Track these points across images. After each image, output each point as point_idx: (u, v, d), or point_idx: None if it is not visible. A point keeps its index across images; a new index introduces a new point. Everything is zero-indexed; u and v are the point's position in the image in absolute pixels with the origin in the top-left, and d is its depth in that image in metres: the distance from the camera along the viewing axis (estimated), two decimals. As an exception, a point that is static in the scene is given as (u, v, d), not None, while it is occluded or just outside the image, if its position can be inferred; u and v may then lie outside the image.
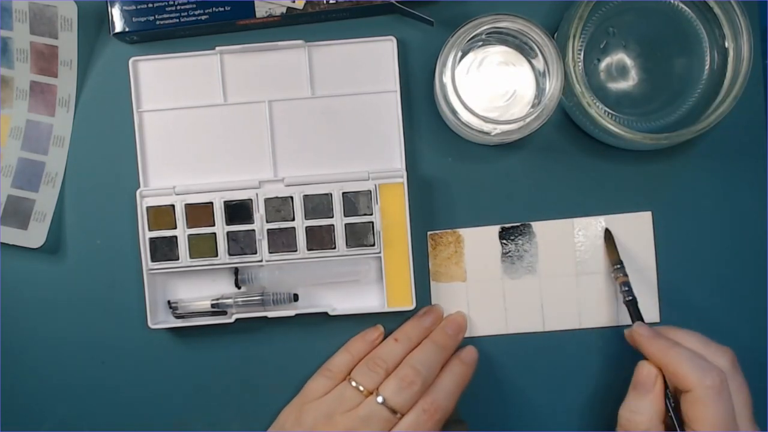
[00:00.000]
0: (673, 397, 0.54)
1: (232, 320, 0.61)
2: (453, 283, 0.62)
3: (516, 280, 0.62)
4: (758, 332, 0.62)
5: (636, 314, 0.58)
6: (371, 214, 0.60)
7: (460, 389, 0.58)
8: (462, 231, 0.62)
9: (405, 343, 0.59)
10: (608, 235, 0.62)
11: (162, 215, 0.61)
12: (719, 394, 0.51)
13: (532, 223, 0.62)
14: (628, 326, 0.59)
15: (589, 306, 0.62)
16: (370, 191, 0.60)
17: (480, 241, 0.62)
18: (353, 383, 0.57)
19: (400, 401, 0.56)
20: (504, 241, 0.62)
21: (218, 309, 0.61)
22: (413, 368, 0.57)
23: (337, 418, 0.56)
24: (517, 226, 0.62)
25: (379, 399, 0.56)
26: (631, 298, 0.59)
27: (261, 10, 0.59)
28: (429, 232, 0.62)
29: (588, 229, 0.62)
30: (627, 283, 0.59)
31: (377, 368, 0.57)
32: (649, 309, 0.62)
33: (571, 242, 0.62)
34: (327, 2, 0.59)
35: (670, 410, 0.54)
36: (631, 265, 0.62)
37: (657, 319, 0.62)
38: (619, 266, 0.60)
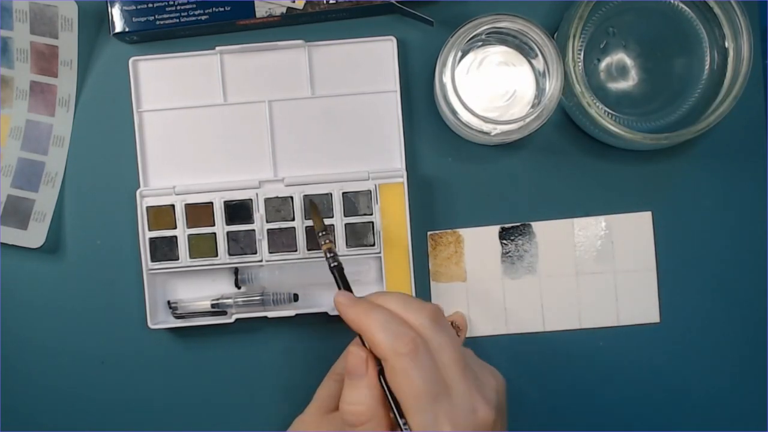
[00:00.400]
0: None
1: (232, 320, 0.61)
2: (453, 283, 0.62)
3: (516, 280, 0.62)
4: (758, 332, 0.62)
5: (342, 281, 0.54)
6: (371, 214, 0.60)
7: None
8: (462, 231, 0.62)
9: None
10: (311, 205, 0.59)
11: (162, 215, 0.61)
12: (414, 360, 0.46)
13: (532, 223, 0.62)
14: (628, 327, 0.60)
15: (589, 306, 0.62)
16: (370, 191, 0.60)
17: (480, 241, 0.62)
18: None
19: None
20: (504, 241, 0.62)
21: (218, 309, 0.61)
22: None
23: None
24: (517, 226, 0.62)
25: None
26: (336, 264, 0.54)
27: (261, 10, 0.59)
28: (429, 232, 0.62)
29: (588, 230, 0.62)
30: (332, 249, 0.55)
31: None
32: (649, 309, 0.62)
33: (571, 242, 0.62)
34: (327, 2, 0.59)
35: (386, 389, 0.48)
36: (631, 265, 0.62)
37: (657, 320, 0.62)
38: (323, 233, 0.56)
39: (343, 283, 0.54)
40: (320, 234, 0.57)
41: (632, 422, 0.62)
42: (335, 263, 0.55)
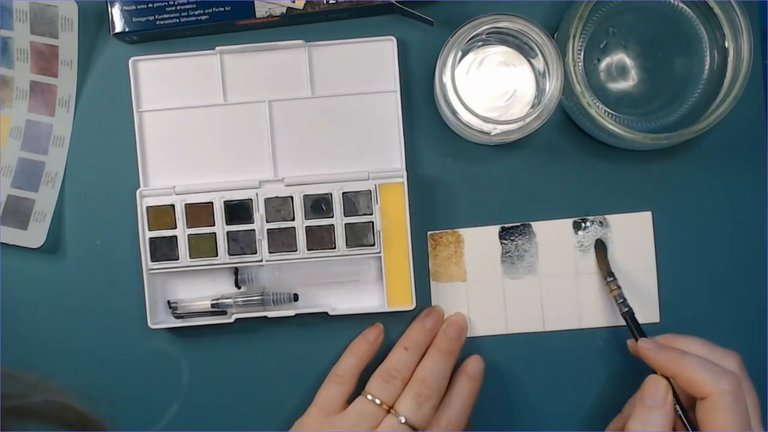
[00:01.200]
0: (682, 407, 0.54)
1: (232, 320, 0.61)
2: (453, 283, 0.62)
3: (516, 280, 0.62)
4: (759, 332, 0.62)
5: (635, 326, 0.58)
6: (371, 214, 0.60)
7: (471, 403, 0.59)
8: (462, 231, 0.62)
9: (414, 350, 0.59)
10: (600, 246, 0.61)
11: (162, 215, 0.61)
12: (736, 399, 0.51)
13: (532, 223, 0.62)
14: (628, 326, 0.60)
15: (589, 306, 0.62)
16: (370, 191, 0.60)
17: (480, 241, 0.62)
18: (369, 397, 0.57)
19: (419, 418, 0.56)
20: (504, 241, 0.62)
21: (218, 309, 0.61)
22: (425, 382, 0.57)
23: None
24: (517, 226, 0.62)
25: (401, 419, 0.56)
26: (627, 309, 0.58)
27: (261, 10, 0.59)
28: (429, 232, 0.62)
29: (588, 230, 0.62)
30: (621, 295, 0.59)
31: (393, 380, 0.58)
32: (650, 309, 0.62)
33: (571, 242, 0.62)
34: (327, 2, 0.59)
35: (684, 420, 0.54)
36: (631, 265, 0.62)
37: (657, 320, 0.62)
38: (611, 278, 0.60)
39: (637, 330, 0.58)
40: (608, 280, 0.60)
41: (632, 422, 0.62)
42: (626, 309, 0.58)
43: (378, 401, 0.57)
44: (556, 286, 0.62)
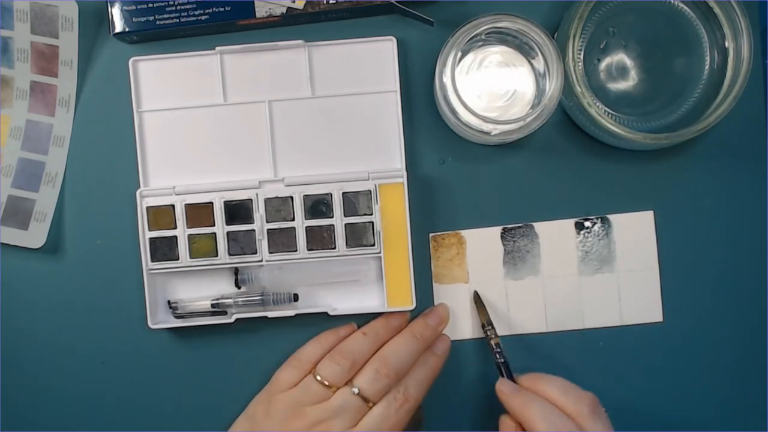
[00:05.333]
0: None
1: (232, 320, 0.61)
2: (455, 284, 0.62)
3: (518, 281, 0.62)
4: (759, 331, 0.62)
5: (507, 374, 0.59)
6: (371, 214, 0.60)
7: (431, 379, 0.59)
8: (464, 232, 0.62)
9: (372, 337, 0.59)
10: (477, 297, 0.62)
11: (162, 215, 0.61)
12: None
13: (534, 224, 0.62)
14: (631, 326, 0.60)
15: (591, 306, 0.62)
16: (370, 191, 0.60)
17: (482, 243, 0.62)
18: (318, 377, 0.57)
19: (372, 391, 0.56)
20: (506, 242, 0.62)
21: (218, 309, 0.61)
22: (387, 360, 0.57)
23: (306, 410, 0.56)
24: (520, 227, 0.62)
25: (354, 390, 0.56)
26: (503, 360, 0.59)
27: (261, 10, 0.59)
28: (431, 234, 0.62)
29: (590, 230, 0.62)
30: (499, 345, 0.59)
31: (343, 361, 0.57)
32: (652, 309, 0.62)
33: (573, 242, 0.62)
34: (327, 2, 0.59)
35: None
36: (633, 264, 0.62)
37: (660, 319, 0.62)
38: (490, 327, 0.60)
39: (507, 375, 0.59)
40: (486, 328, 0.60)
41: (635, 421, 0.62)
42: (503, 360, 0.59)
43: (326, 382, 0.57)
44: (559, 287, 0.62)
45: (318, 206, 0.61)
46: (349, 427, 0.56)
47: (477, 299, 0.62)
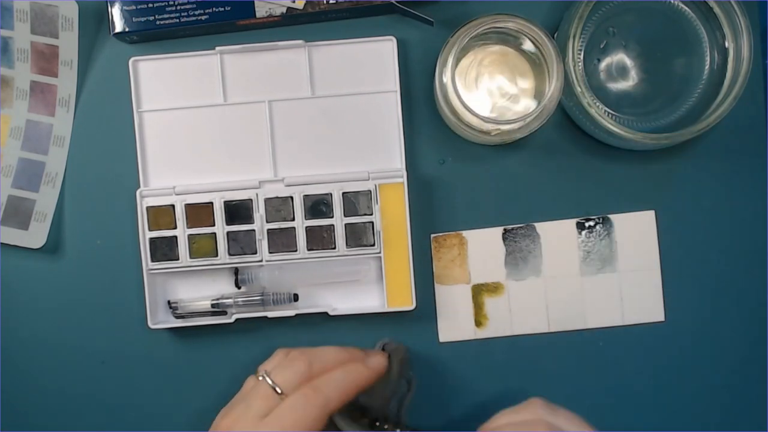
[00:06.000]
0: None
1: (232, 320, 0.61)
2: (457, 285, 0.62)
3: (520, 282, 0.62)
4: (760, 331, 0.62)
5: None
6: (371, 214, 0.60)
7: (352, 386, 0.55)
8: (465, 233, 0.62)
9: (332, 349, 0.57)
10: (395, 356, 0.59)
11: (162, 215, 0.61)
12: None
13: (536, 224, 0.62)
14: (633, 326, 0.60)
15: (593, 306, 0.62)
16: (370, 191, 0.60)
17: (483, 243, 0.62)
18: (259, 376, 0.55)
19: (281, 378, 0.54)
20: (507, 243, 0.62)
21: (218, 309, 0.61)
22: (304, 351, 0.55)
23: (236, 405, 0.55)
24: (521, 228, 0.62)
25: (261, 375, 0.54)
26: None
27: (261, 10, 0.59)
28: (432, 235, 0.62)
29: (591, 230, 0.62)
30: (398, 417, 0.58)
31: (278, 354, 0.57)
32: (654, 308, 0.62)
33: (574, 243, 0.62)
34: (327, 2, 0.59)
35: None
36: (635, 264, 0.62)
37: (662, 319, 0.62)
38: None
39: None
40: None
41: (636, 421, 0.62)
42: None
43: (260, 375, 0.55)
44: (561, 287, 0.62)
45: (318, 206, 0.61)
46: (258, 414, 0.53)
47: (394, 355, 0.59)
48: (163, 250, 0.61)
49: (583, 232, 0.62)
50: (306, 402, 0.53)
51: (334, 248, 0.60)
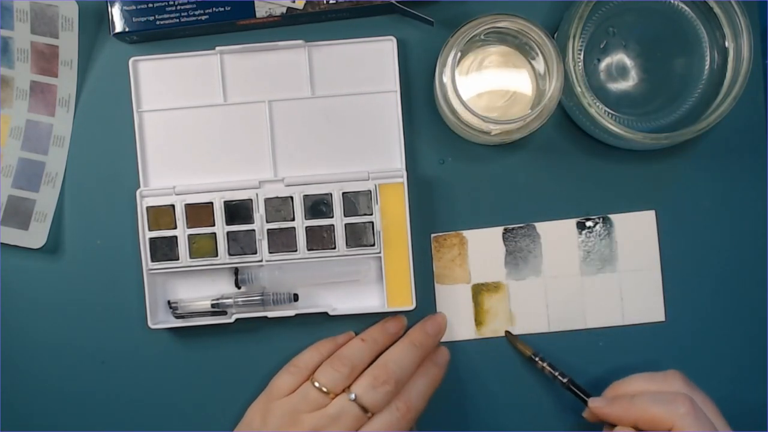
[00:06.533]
0: None
1: (232, 320, 0.61)
2: (457, 285, 0.62)
3: (520, 282, 0.62)
4: (760, 330, 0.62)
5: (581, 391, 0.58)
6: (371, 214, 0.60)
7: (432, 390, 0.59)
8: (465, 233, 0.62)
9: (371, 343, 0.59)
10: (510, 336, 0.62)
11: (162, 215, 0.61)
12: (696, 416, 0.51)
13: (536, 224, 0.62)
14: (633, 326, 0.60)
15: (593, 306, 0.62)
16: (370, 191, 0.60)
17: (483, 243, 0.62)
18: (316, 384, 0.56)
19: (371, 400, 0.56)
20: (508, 243, 0.62)
21: (218, 309, 0.61)
22: (386, 367, 0.57)
23: (304, 417, 0.56)
24: (521, 227, 0.62)
25: (351, 396, 0.55)
26: (566, 379, 0.59)
27: (261, 10, 0.59)
28: (433, 235, 0.62)
29: (591, 229, 0.62)
30: (554, 367, 0.60)
31: (342, 368, 0.57)
32: (654, 308, 0.62)
33: (574, 242, 0.62)
34: (327, 2, 0.59)
35: None
36: (635, 264, 0.62)
37: (662, 318, 0.62)
38: (537, 357, 0.60)
39: (583, 392, 0.58)
40: (536, 359, 0.60)
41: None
42: (565, 378, 0.59)
43: (324, 389, 0.56)
44: (561, 287, 0.62)
45: (318, 206, 0.61)
46: None
47: (511, 338, 0.62)
48: (163, 250, 0.61)
49: (583, 232, 0.62)
50: (400, 418, 0.56)
51: (334, 248, 0.60)
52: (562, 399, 0.62)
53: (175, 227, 0.61)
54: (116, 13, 0.59)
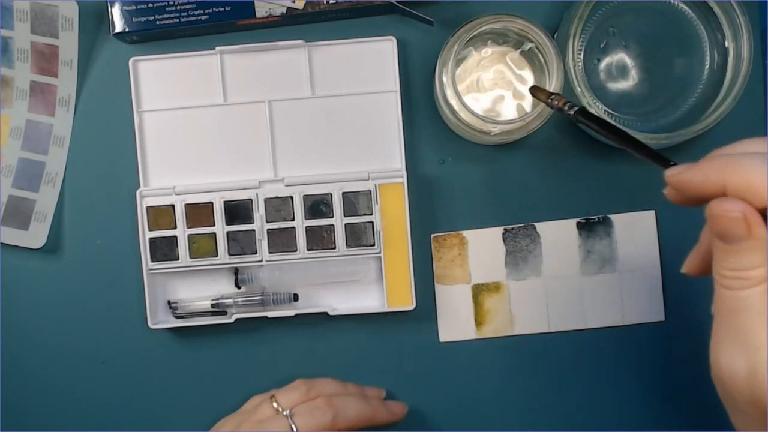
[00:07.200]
0: None
1: (232, 320, 0.61)
2: (457, 285, 0.62)
3: (520, 282, 0.62)
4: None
5: (655, 151, 0.44)
6: (371, 214, 0.60)
7: (363, 418, 0.57)
8: (465, 233, 0.62)
9: (340, 385, 0.60)
10: (534, 87, 0.56)
11: (162, 215, 0.61)
12: None
13: (536, 224, 0.62)
14: (633, 326, 0.60)
15: (593, 306, 0.62)
16: (370, 191, 0.60)
17: (484, 243, 0.62)
18: (274, 403, 0.57)
19: (302, 422, 0.55)
20: (508, 243, 0.62)
21: (218, 309, 0.61)
22: (328, 402, 0.57)
23: (244, 425, 0.56)
24: (522, 228, 0.62)
25: (286, 412, 0.56)
26: (579, 107, 0.49)
27: (261, 10, 0.59)
28: (433, 235, 0.62)
29: (591, 230, 0.62)
30: (569, 101, 0.51)
31: (299, 388, 0.58)
32: (655, 308, 0.62)
33: (575, 243, 0.62)
34: (327, 2, 0.59)
35: None
36: (636, 264, 0.62)
37: (662, 318, 0.62)
38: (554, 95, 0.52)
39: (658, 154, 0.44)
40: (551, 97, 0.52)
41: (636, 421, 0.62)
42: (578, 107, 0.48)
43: (275, 404, 0.57)
44: (561, 287, 0.62)
45: (318, 206, 0.61)
46: None
47: (534, 88, 0.55)
48: (163, 250, 0.61)
49: (584, 232, 0.62)
50: (311, 413, 0.55)
51: (334, 248, 0.60)
52: (562, 399, 0.62)
53: (175, 227, 0.61)
54: (116, 13, 0.59)
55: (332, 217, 0.60)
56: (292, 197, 0.60)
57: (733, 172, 0.38)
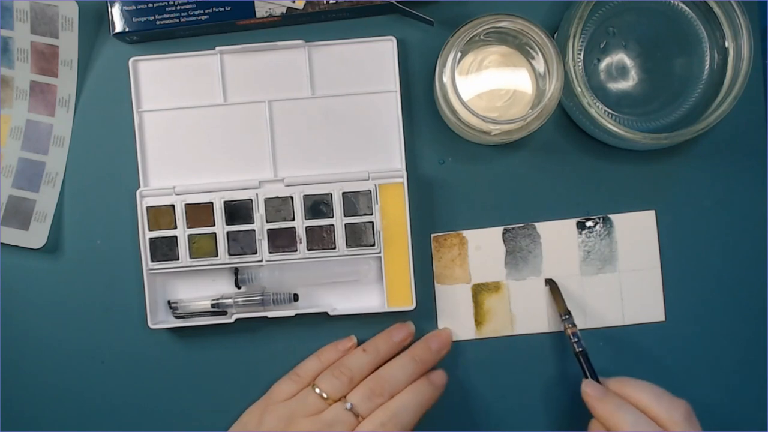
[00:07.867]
0: None
1: (232, 320, 0.61)
2: (457, 285, 0.62)
3: (520, 282, 0.62)
4: (760, 330, 0.62)
5: (588, 367, 0.57)
6: (371, 214, 0.60)
7: (422, 409, 0.58)
8: (465, 233, 0.62)
9: (373, 354, 0.59)
10: (553, 286, 0.61)
11: (162, 215, 0.61)
12: None
13: (536, 224, 0.62)
14: (633, 326, 0.60)
15: (593, 306, 0.62)
16: (370, 191, 0.60)
17: (484, 243, 0.62)
18: (317, 390, 0.57)
19: (365, 409, 0.56)
20: (508, 243, 0.62)
21: (218, 309, 0.61)
22: (382, 378, 0.57)
23: (300, 420, 0.56)
24: (521, 227, 0.62)
25: (347, 405, 0.56)
26: (581, 349, 0.58)
27: (261, 10, 0.59)
28: (433, 234, 0.62)
29: (591, 229, 0.62)
30: (577, 334, 0.59)
31: (342, 376, 0.57)
32: (654, 308, 0.62)
33: (574, 242, 0.62)
34: (327, 2, 0.59)
35: None
36: (635, 264, 0.62)
37: (662, 318, 0.62)
38: (567, 316, 0.59)
39: (589, 371, 0.57)
40: (564, 317, 0.59)
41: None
42: (581, 348, 0.58)
43: (324, 395, 0.57)
44: (561, 287, 0.62)
45: (318, 206, 0.61)
46: None
47: (554, 287, 0.61)
48: (163, 250, 0.61)
49: (583, 232, 0.62)
50: (382, 426, 0.55)
51: (334, 248, 0.60)
52: (562, 399, 0.62)
53: (175, 227, 0.61)
54: (116, 13, 0.59)
55: (332, 217, 0.60)
56: (292, 197, 0.61)
57: (614, 425, 0.52)
